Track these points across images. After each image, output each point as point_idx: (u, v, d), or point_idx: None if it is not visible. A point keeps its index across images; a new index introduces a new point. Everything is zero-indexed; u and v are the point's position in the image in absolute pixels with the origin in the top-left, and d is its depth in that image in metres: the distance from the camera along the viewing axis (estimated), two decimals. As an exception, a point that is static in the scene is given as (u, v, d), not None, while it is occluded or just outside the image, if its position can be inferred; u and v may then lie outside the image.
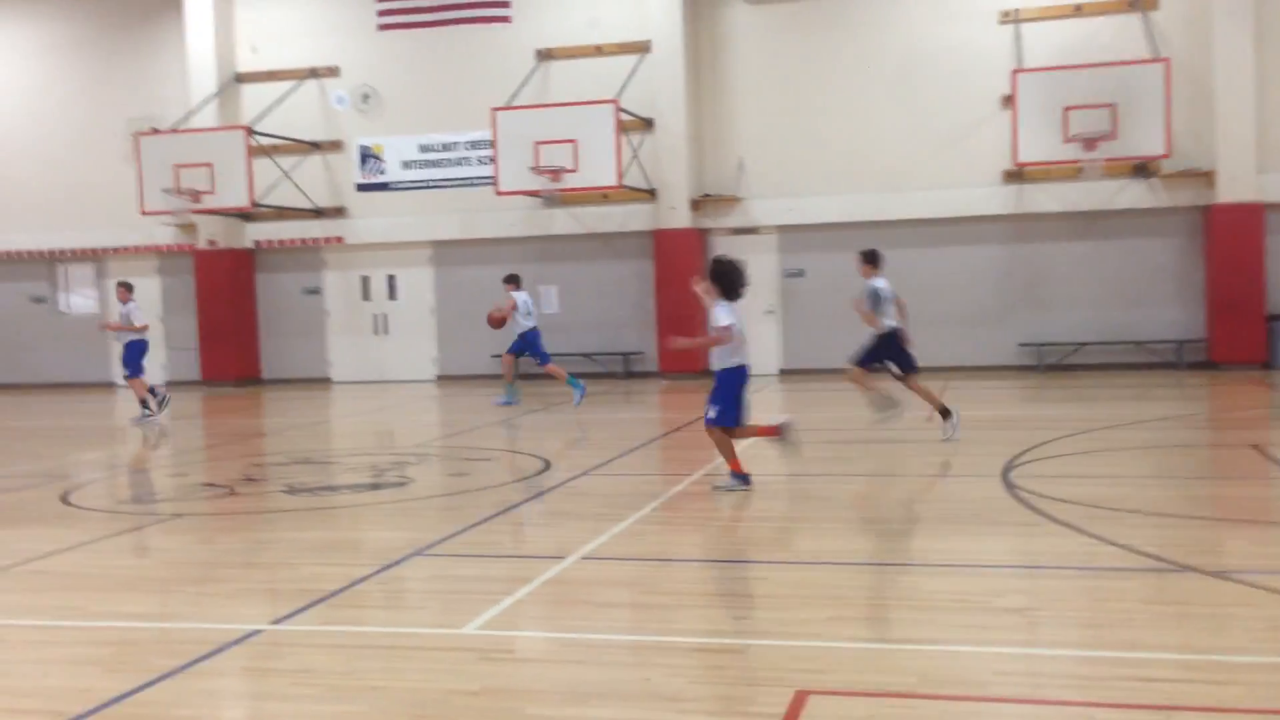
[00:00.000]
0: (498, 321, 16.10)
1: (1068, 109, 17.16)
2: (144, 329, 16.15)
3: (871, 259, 11.51)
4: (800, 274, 20.35)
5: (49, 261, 23.17)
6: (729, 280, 8.65)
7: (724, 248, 20.52)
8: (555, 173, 18.41)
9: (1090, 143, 17.11)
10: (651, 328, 20.40)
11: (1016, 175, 18.96)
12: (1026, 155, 17.58)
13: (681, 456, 11.92)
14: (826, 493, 9.17)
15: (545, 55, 20.60)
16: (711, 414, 8.81)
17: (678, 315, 19.96)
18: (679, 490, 9.29)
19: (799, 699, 4.39)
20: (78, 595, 6.57)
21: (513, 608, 5.88)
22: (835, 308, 20.07)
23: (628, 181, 19.15)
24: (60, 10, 22.74)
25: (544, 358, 16.15)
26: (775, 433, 8.98)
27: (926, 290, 19.62)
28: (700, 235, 20.38)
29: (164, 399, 16.30)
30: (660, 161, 20.12)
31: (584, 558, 6.92)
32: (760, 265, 20.42)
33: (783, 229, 20.30)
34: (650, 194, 20.13)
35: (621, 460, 11.09)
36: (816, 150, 19.92)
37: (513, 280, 16.30)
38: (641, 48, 20.10)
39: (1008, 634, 5.24)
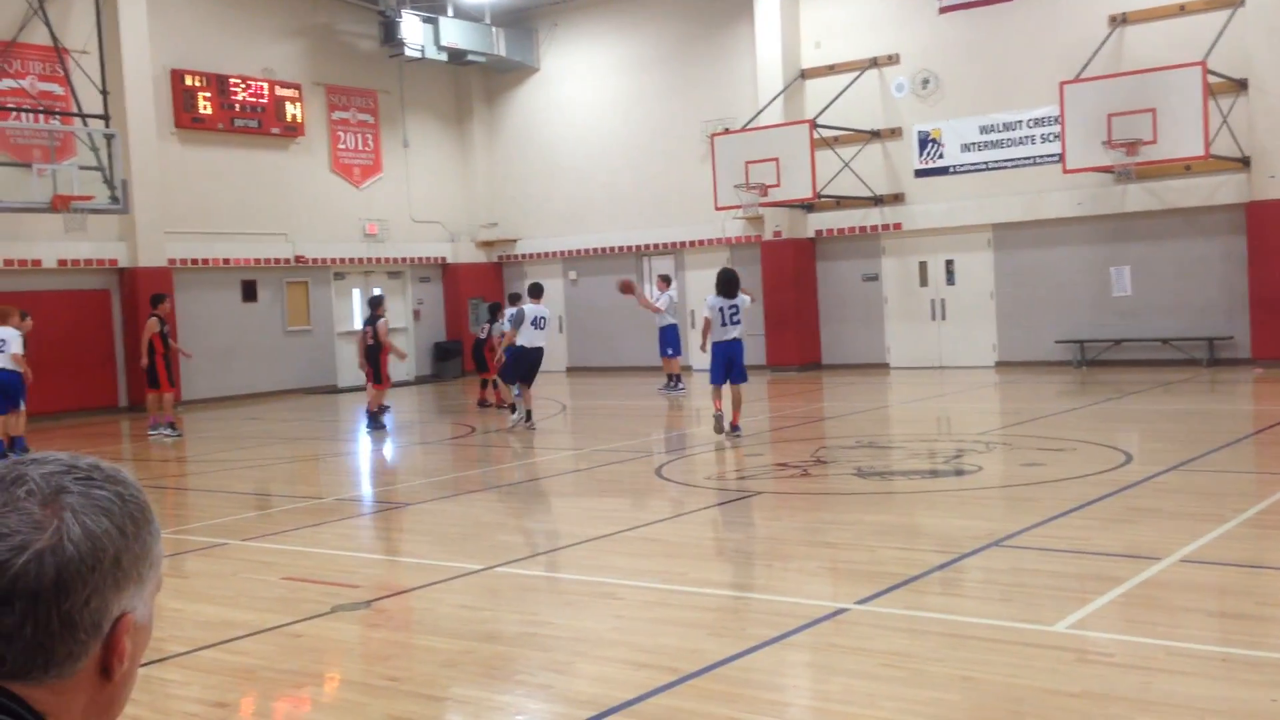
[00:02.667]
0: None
1: None
2: (661, 313, 19.37)
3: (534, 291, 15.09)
4: None
5: (636, 255, 25.55)
6: None
7: (1335, 219, 18.02)
8: (1131, 145, 17.15)
9: None
10: (1243, 310, 18.37)
11: None
12: None
13: (1287, 455, 10.64)
14: None
15: (1119, 20, 19.23)
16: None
17: (1278, 297, 17.86)
18: (1290, 493, 8.29)
19: None
20: (678, 561, 7.17)
21: (1107, 608, 5.55)
22: None
23: (1215, 150, 17.37)
24: (648, 28, 24.93)
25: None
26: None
27: None
28: (1305, 205, 18.02)
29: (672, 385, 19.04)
30: (1256, 126, 18.02)
31: (1183, 560, 6.38)
32: (1382, 237, 17.67)
33: None
34: (1242, 163, 18.11)
35: (1213, 456, 10.11)
36: None
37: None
38: (1233, 2, 18.12)
39: None
